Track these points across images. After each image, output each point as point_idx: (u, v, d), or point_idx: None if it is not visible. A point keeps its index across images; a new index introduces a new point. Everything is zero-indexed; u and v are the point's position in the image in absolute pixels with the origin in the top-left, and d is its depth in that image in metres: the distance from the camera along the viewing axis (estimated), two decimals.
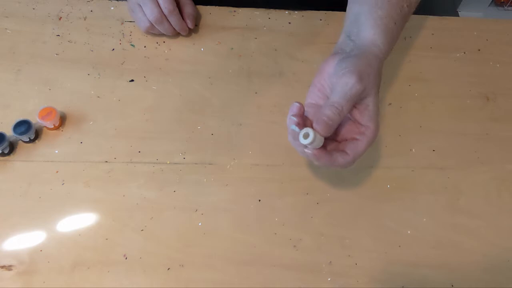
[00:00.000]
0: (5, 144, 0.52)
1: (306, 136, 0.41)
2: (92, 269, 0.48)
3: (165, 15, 0.61)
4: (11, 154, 0.54)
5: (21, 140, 0.55)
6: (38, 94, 0.59)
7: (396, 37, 0.50)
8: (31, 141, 0.55)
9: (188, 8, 0.64)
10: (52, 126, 0.56)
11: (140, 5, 0.61)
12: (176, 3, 0.62)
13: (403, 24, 0.51)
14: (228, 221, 0.52)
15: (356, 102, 0.43)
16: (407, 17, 0.52)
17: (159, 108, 0.59)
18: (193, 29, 0.66)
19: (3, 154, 0.54)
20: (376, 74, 0.45)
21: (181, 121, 0.58)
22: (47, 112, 0.54)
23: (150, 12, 0.60)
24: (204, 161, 0.56)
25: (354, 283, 0.49)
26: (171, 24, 0.63)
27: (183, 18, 0.63)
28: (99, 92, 0.60)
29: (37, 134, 0.55)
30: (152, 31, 0.64)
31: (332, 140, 0.46)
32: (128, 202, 0.52)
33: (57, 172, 0.53)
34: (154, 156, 0.55)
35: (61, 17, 0.66)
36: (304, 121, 0.44)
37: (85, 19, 0.67)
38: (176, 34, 0.65)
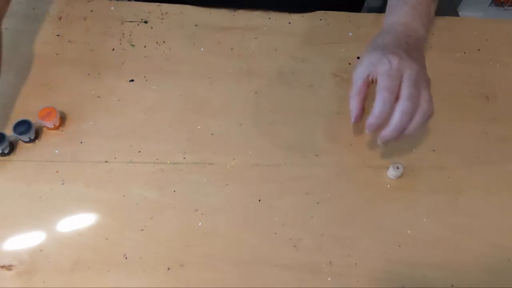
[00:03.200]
0: (5, 144, 0.52)
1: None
2: (92, 269, 0.48)
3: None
4: (11, 154, 0.54)
5: (21, 140, 0.55)
6: (38, 94, 0.59)
7: (419, 4, 0.54)
8: (31, 141, 0.55)
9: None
10: (52, 126, 0.56)
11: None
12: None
13: None
14: (228, 221, 0.52)
15: (369, 70, 0.48)
16: None
17: (159, 108, 0.59)
18: (193, 29, 0.66)
19: (3, 154, 0.54)
20: (375, 36, 0.53)
21: (181, 121, 0.58)
22: (47, 112, 0.54)
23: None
24: (204, 161, 0.56)
25: (354, 283, 0.49)
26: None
27: None
28: (99, 92, 0.60)
29: (37, 134, 0.55)
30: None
31: None
32: (128, 202, 0.52)
33: (57, 172, 0.53)
34: (154, 156, 0.55)
35: (61, 17, 0.66)
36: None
37: (85, 19, 0.66)
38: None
